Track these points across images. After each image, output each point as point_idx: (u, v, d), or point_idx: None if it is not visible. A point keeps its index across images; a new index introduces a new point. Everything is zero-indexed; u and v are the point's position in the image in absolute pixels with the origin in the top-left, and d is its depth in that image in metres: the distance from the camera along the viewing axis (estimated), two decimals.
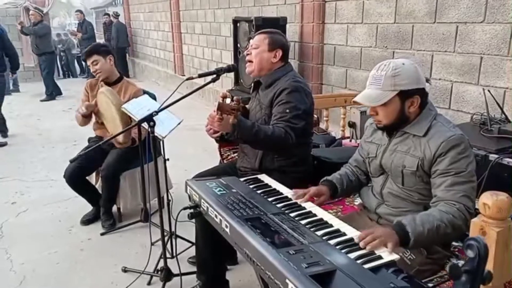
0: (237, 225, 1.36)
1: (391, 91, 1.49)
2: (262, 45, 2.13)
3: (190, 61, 8.32)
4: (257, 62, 2.14)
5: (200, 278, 2.21)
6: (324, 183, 1.80)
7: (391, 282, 1.08)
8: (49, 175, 4.10)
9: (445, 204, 1.42)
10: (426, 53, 3.33)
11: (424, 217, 1.39)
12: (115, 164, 2.92)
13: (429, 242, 1.42)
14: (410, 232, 1.35)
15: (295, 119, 2.00)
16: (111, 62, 2.99)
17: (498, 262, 1.19)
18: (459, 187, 1.42)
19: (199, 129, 5.52)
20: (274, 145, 2.02)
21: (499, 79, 2.85)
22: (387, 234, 1.33)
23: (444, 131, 1.49)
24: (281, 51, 2.14)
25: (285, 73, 2.14)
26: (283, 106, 2.02)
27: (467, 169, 1.43)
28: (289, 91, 2.03)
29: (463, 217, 1.39)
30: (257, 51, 2.14)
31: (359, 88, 4.06)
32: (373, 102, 1.51)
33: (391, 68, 1.49)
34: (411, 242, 1.35)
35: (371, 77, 1.54)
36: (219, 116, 1.81)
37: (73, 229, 3.06)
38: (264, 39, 2.14)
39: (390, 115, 1.53)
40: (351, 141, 3.09)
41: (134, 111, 2.42)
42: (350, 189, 1.84)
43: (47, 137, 5.55)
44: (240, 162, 2.29)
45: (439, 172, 1.46)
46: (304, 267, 1.11)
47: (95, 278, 2.46)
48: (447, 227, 1.37)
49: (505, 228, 1.18)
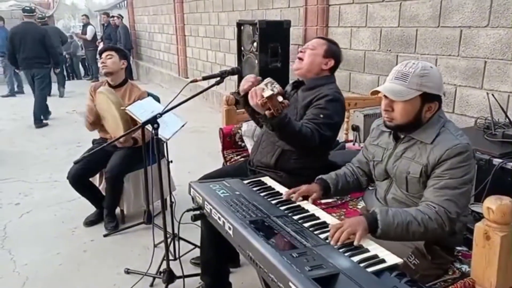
0: (240, 227, 1.36)
1: (416, 90, 1.47)
2: (319, 49, 2.14)
3: (194, 63, 8.34)
4: (308, 62, 2.15)
5: (204, 279, 2.21)
6: (317, 182, 1.81)
7: (394, 285, 1.09)
8: (52, 176, 4.12)
9: (426, 205, 1.43)
10: (430, 57, 3.33)
11: (399, 211, 1.42)
12: (119, 165, 2.93)
13: (398, 236, 1.41)
14: (380, 220, 1.37)
15: (325, 126, 1.99)
16: (123, 65, 3.04)
17: (502, 266, 1.19)
18: (447, 191, 1.42)
19: (202, 132, 5.56)
20: (297, 142, 1.97)
21: (503, 83, 2.84)
22: (354, 223, 1.37)
23: (450, 139, 1.47)
24: (333, 61, 2.16)
25: (329, 82, 2.15)
26: (318, 110, 2.02)
27: (462, 176, 1.43)
28: (330, 99, 2.03)
29: (439, 220, 1.39)
30: (312, 52, 2.15)
31: (363, 92, 4.05)
32: (396, 96, 1.49)
33: (420, 67, 1.48)
34: (378, 230, 1.37)
35: (397, 72, 1.51)
36: (263, 101, 1.70)
37: (76, 230, 3.07)
38: (323, 45, 2.15)
39: (407, 114, 1.51)
40: (355, 144, 3.09)
41: (138, 113, 2.43)
42: (345, 189, 1.85)
43: (51, 138, 5.58)
44: (253, 155, 2.27)
45: (434, 174, 1.47)
46: (307, 270, 1.11)
47: (97, 280, 2.47)
48: (419, 226, 1.39)
49: (509, 233, 1.18)
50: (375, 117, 2.35)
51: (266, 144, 2.19)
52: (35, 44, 6.12)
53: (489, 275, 1.20)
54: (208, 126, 5.65)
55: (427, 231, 1.40)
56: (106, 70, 3.00)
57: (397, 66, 1.54)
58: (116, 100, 2.71)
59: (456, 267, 1.59)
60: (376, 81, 3.92)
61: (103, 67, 3.00)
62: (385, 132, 1.68)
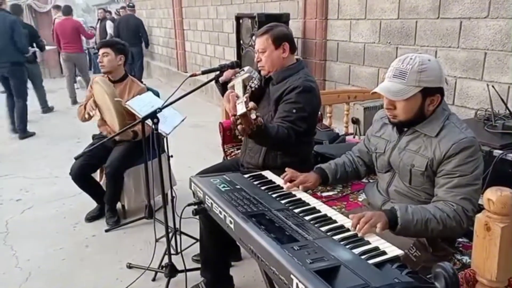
0: (241, 221, 1.36)
1: (415, 87, 1.45)
2: (268, 46, 2.10)
3: (193, 58, 8.32)
4: (269, 65, 2.12)
5: (205, 275, 2.22)
6: (316, 171, 1.82)
7: (395, 277, 1.09)
8: (53, 172, 4.12)
9: (444, 203, 1.43)
10: (429, 49, 3.32)
11: (418, 208, 1.42)
12: (119, 161, 2.94)
13: (417, 232, 1.43)
14: (399, 217, 1.38)
15: (300, 121, 1.99)
16: (120, 61, 3.01)
17: (503, 257, 1.19)
18: (461, 189, 1.42)
19: (202, 126, 5.56)
20: (275, 144, 2.03)
21: (503, 74, 2.83)
22: (376, 215, 1.37)
23: (456, 132, 1.47)
24: (287, 43, 2.10)
25: (297, 71, 2.11)
26: (290, 105, 2.00)
27: (473, 172, 1.43)
28: (299, 91, 2.00)
29: (458, 218, 1.40)
30: (265, 55, 2.11)
31: (363, 85, 4.05)
32: (395, 96, 1.48)
33: (418, 63, 1.45)
34: (398, 226, 1.38)
35: (394, 70, 1.49)
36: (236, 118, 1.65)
37: (77, 225, 3.08)
38: (267, 40, 2.09)
39: (409, 111, 1.50)
40: (355, 137, 3.09)
41: (137, 108, 2.43)
42: (343, 178, 1.87)
43: (50, 134, 5.57)
44: (243, 157, 2.29)
45: (444, 172, 1.46)
46: (308, 262, 1.11)
47: (100, 275, 2.48)
48: (438, 223, 1.39)
49: (509, 224, 1.18)
50: (375, 110, 2.34)
51: (252, 145, 2.19)
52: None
53: (490, 266, 1.21)
54: (207, 121, 5.64)
55: (445, 228, 1.40)
56: (104, 70, 2.99)
57: (395, 63, 1.51)
58: (110, 91, 2.71)
59: (457, 259, 1.60)
60: (376, 73, 3.92)
61: (101, 66, 2.99)
62: (388, 124, 1.67)
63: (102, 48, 2.97)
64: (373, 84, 3.81)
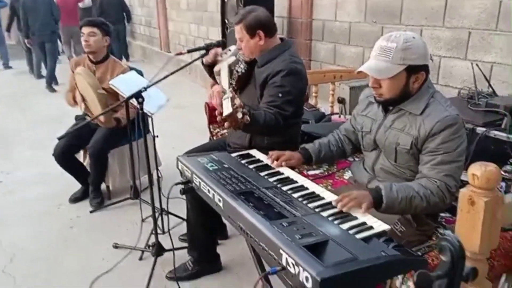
0: (230, 199, 1.36)
1: (400, 65, 1.45)
2: (243, 35, 2.05)
3: (177, 38, 8.17)
4: (249, 52, 2.09)
5: (192, 253, 2.23)
6: (300, 151, 1.84)
7: (382, 250, 1.11)
8: (35, 153, 4.04)
9: (428, 180, 1.45)
10: (415, 28, 3.32)
11: (402, 186, 1.45)
12: (103, 141, 2.89)
13: (401, 210, 1.46)
14: (384, 196, 1.40)
15: (286, 105, 1.96)
16: (106, 42, 2.92)
17: (486, 230, 1.22)
18: (444, 166, 1.45)
19: (186, 107, 5.49)
20: (264, 132, 2.04)
21: (487, 53, 2.87)
22: (361, 195, 1.39)
23: (440, 110, 1.48)
24: (261, 30, 2.03)
25: (282, 52, 2.06)
26: (276, 89, 1.97)
27: (456, 149, 1.45)
28: (284, 74, 1.97)
29: (440, 194, 1.43)
30: (243, 44, 2.08)
31: (348, 64, 4.05)
32: (381, 75, 1.48)
33: (402, 40, 1.44)
34: (383, 205, 1.41)
35: (380, 48, 1.49)
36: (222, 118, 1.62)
37: (61, 207, 3.04)
38: (241, 30, 2.05)
39: (394, 89, 1.51)
40: (340, 117, 3.10)
41: (122, 87, 2.38)
42: (329, 157, 1.89)
43: (31, 115, 5.45)
44: (229, 137, 2.28)
45: (428, 149, 1.48)
46: (297, 238, 1.12)
47: (86, 255, 2.47)
48: (422, 200, 1.42)
49: (492, 198, 1.21)
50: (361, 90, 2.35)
51: None
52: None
53: (473, 239, 1.24)
54: (191, 101, 5.58)
55: (429, 205, 1.43)
56: (89, 49, 2.88)
57: (380, 41, 1.51)
58: (93, 83, 2.63)
59: (440, 233, 1.64)
60: (361, 53, 3.92)
61: (86, 46, 2.87)
62: (373, 103, 1.68)
63: (88, 27, 2.84)
64: (358, 64, 3.79)
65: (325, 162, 2.06)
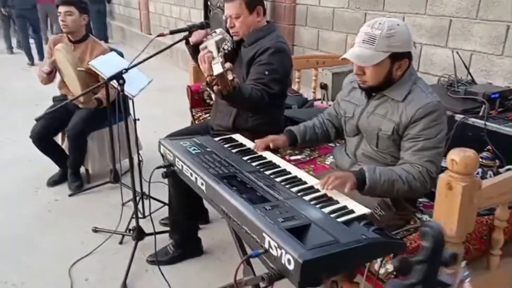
0: (213, 182, 1.36)
1: (384, 52, 1.46)
2: (242, 11, 2.03)
3: (157, 19, 8.00)
4: (245, 29, 2.07)
5: (173, 237, 2.23)
6: (285, 133, 1.85)
7: (362, 234, 1.13)
8: (10, 136, 3.93)
9: (410, 165, 1.48)
10: (397, 15, 3.34)
11: (385, 169, 1.47)
12: (82, 123, 2.82)
13: (383, 192, 1.48)
14: (368, 178, 1.43)
15: (272, 83, 1.97)
16: (84, 21, 2.83)
17: (463, 214, 1.26)
18: (425, 152, 1.47)
19: (168, 90, 5.42)
20: (249, 107, 2.03)
21: (467, 42, 2.91)
22: (346, 175, 1.42)
23: (422, 97, 1.50)
24: (261, 6, 2.06)
25: (269, 32, 2.08)
26: (263, 67, 1.98)
27: (437, 135, 1.48)
28: (272, 52, 1.98)
29: (422, 179, 1.46)
30: (240, 20, 2.05)
31: (331, 50, 4.05)
32: (365, 62, 1.49)
33: (387, 27, 1.44)
34: (366, 186, 1.43)
35: (364, 35, 1.48)
36: (212, 78, 1.65)
37: (39, 190, 2.99)
38: (240, 5, 2.03)
39: (378, 76, 1.52)
40: (323, 103, 3.11)
41: (102, 68, 2.32)
42: (313, 140, 1.90)
43: (5, 97, 5.28)
44: (213, 120, 2.27)
45: (410, 136, 1.51)
46: (280, 221, 1.13)
47: (65, 239, 2.43)
48: (404, 184, 1.45)
49: (470, 183, 1.24)
50: (344, 76, 2.36)
51: (222, 107, 2.16)
52: None
53: (450, 222, 1.27)
54: (172, 85, 5.51)
55: (410, 189, 1.46)
56: (66, 29, 2.79)
57: (364, 27, 1.51)
58: (72, 60, 2.55)
59: (418, 217, 1.68)
60: (344, 39, 3.92)
61: (63, 26, 2.78)
62: (357, 88, 1.69)
63: (65, 6, 2.74)
64: (341, 50, 3.81)
65: (310, 144, 2.06)
